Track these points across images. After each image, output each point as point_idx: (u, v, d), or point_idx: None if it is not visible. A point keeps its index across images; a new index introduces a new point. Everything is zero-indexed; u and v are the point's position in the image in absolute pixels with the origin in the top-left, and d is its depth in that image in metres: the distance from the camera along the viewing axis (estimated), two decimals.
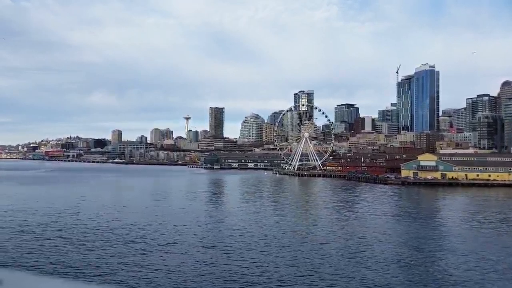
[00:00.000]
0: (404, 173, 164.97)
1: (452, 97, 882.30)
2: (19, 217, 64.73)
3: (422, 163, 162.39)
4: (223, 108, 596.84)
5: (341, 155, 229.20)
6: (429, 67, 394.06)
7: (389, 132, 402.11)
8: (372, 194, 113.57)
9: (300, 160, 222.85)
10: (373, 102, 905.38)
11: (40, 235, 51.69)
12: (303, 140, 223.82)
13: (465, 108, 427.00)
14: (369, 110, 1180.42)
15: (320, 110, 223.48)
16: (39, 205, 79.23)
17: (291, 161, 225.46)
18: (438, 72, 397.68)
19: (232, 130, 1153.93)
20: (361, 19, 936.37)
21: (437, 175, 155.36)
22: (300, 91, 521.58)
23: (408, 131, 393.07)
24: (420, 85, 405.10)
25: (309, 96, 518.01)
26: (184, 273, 36.80)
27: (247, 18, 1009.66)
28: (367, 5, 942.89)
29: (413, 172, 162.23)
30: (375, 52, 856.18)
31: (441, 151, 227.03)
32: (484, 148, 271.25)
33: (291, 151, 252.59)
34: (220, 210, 78.32)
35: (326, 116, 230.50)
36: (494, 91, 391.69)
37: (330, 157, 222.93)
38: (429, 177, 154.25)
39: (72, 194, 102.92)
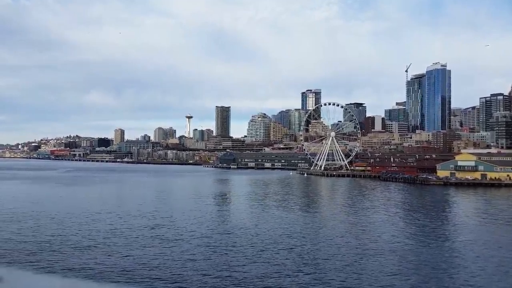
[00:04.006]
0: (440, 173, 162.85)
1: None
2: (117, 222, 61.93)
3: (460, 163, 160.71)
4: (229, 107, 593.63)
5: (370, 155, 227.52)
6: (441, 66, 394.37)
7: (399, 131, 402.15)
8: (430, 197, 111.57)
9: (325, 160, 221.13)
10: (373, 101, 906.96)
11: (162, 241, 49.19)
12: (329, 140, 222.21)
13: (473, 107, 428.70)
14: (370, 109, 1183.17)
15: (347, 109, 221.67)
16: (116, 207, 76.43)
17: (317, 161, 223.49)
18: (450, 71, 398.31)
19: (232, 130, 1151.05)
20: (361, 18, 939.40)
21: (477, 175, 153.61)
22: (307, 90, 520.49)
23: (419, 130, 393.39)
24: (432, 84, 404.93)
25: (317, 95, 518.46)
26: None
27: (247, 19, 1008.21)
28: (367, 4, 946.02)
29: (450, 173, 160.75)
30: (375, 51, 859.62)
31: (463, 151, 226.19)
32: (502, 147, 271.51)
33: (302, 151, 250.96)
34: (299, 216, 76.17)
35: (353, 115, 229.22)
36: (494, 90, 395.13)
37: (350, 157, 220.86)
38: (469, 177, 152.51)
39: (135, 195, 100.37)
